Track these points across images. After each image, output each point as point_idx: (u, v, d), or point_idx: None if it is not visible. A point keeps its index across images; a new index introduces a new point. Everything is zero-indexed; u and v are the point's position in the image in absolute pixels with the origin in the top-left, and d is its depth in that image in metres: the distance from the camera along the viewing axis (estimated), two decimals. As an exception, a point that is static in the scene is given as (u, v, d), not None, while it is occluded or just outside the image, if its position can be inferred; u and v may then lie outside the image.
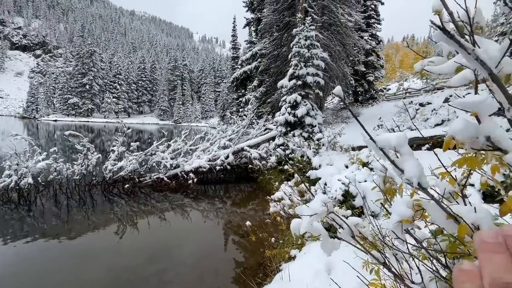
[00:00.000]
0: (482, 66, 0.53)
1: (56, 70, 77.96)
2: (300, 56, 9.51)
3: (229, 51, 35.96)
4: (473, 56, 0.52)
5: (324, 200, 1.11)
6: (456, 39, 0.50)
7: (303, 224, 1.08)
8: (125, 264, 4.01)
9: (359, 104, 22.46)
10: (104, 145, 19.15)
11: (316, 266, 2.64)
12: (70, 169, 7.65)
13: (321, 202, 1.09)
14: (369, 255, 1.32)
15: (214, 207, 7.23)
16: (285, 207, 3.66)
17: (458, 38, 0.51)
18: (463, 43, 0.51)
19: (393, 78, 47.88)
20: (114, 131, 30.07)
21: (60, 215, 6.04)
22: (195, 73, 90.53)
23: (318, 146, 7.44)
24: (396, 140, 0.95)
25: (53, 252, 4.37)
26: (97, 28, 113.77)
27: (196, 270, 3.88)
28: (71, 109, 64.37)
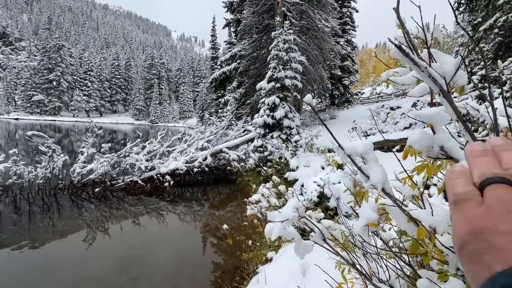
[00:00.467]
0: (434, 83, 0.57)
1: (19, 64, 71.74)
2: (278, 59, 9.65)
3: (209, 51, 35.54)
4: (425, 73, 0.56)
5: (295, 205, 1.13)
6: (410, 57, 0.53)
7: (275, 230, 1.09)
8: (94, 275, 3.78)
9: (335, 107, 23.27)
10: (73, 146, 18.00)
11: (292, 268, 2.67)
12: (32, 173, 7.07)
13: (292, 208, 1.11)
14: (339, 256, 1.37)
15: (192, 210, 7.08)
16: (262, 210, 3.69)
17: (413, 56, 0.54)
18: (417, 61, 0.54)
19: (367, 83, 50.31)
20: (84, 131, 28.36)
21: (20, 222, 5.56)
22: (173, 72, 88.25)
23: (295, 148, 7.58)
24: (363, 148, 0.99)
25: (12, 264, 4.01)
26: (66, 21, 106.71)
27: (171, 277, 3.76)
28: (35, 107, 59.60)
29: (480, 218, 0.22)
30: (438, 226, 0.87)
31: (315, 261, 2.78)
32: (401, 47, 0.54)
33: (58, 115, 61.43)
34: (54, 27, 76.12)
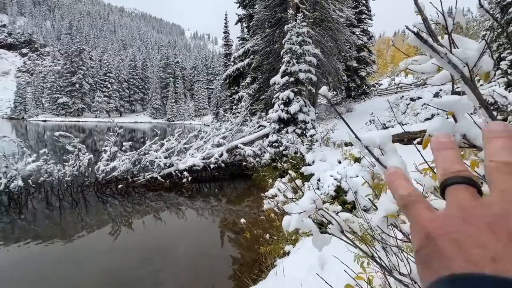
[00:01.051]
0: (454, 69, 0.56)
1: (44, 69, 75.92)
2: (292, 52, 9.52)
3: (222, 48, 35.68)
4: (445, 60, 0.55)
5: (313, 197, 1.13)
6: (429, 43, 0.53)
7: (292, 222, 1.10)
8: (120, 266, 4.00)
9: (352, 100, 22.67)
10: (96, 145, 18.88)
11: (309, 261, 2.69)
12: (61, 171, 7.53)
13: (309, 200, 1.12)
14: (358, 249, 1.36)
15: (209, 205, 7.24)
16: (279, 204, 3.71)
17: (431, 42, 0.53)
18: (436, 47, 0.53)
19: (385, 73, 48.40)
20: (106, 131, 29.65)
21: (52, 217, 5.96)
22: (188, 71, 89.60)
23: (311, 142, 7.50)
24: (380, 138, 0.98)
25: (46, 255, 4.32)
26: (85, 25, 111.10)
27: (192, 268, 3.90)
28: (60, 109, 62.98)
29: (434, 223, 0.22)
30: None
31: (333, 255, 2.77)
32: (418, 34, 0.53)
33: (81, 116, 64.57)
34: (75, 32, 79.50)
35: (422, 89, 17.07)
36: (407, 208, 0.24)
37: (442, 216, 0.22)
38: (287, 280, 2.48)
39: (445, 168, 0.24)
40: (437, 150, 0.25)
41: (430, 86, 16.76)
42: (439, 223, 0.21)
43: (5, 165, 6.93)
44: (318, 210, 1.23)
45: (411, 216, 0.24)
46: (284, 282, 2.46)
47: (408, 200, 0.24)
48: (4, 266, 3.99)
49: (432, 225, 0.21)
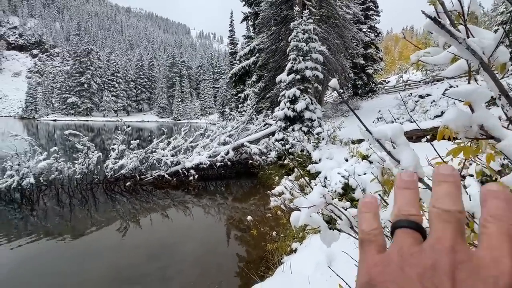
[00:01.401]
0: (473, 55, 0.54)
1: (54, 69, 77.47)
2: (298, 50, 9.45)
3: (227, 47, 35.73)
4: (464, 45, 0.53)
5: (322, 192, 1.12)
6: (446, 28, 0.51)
7: (302, 216, 1.09)
8: (128, 262, 4.06)
9: (359, 97, 22.40)
10: (105, 144, 19.17)
11: (317, 258, 2.67)
12: (71, 168, 7.68)
13: (319, 194, 1.10)
14: (368, 245, 1.35)
15: (216, 203, 7.28)
16: (286, 201, 3.69)
17: (449, 27, 0.51)
18: (454, 32, 0.51)
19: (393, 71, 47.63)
20: (114, 130, 30.11)
21: (63, 214, 6.09)
22: (194, 70, 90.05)
23: (317, 140, 7.45)
24: (392, 131, 0.96)
25: (56, 251, 4.42)
26: (93, 26, 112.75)
27: (199, 265, 3.93)
28: (70, 108, 64.21)
29: (376, 268, 0.22)
30: (476, 211, 0.83)
31: (341, 252, 2.75)
32: (435, 19, 0.52)
33: (90, 115, 65.69)
34: (83, 33, 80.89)
35: (431, 86, 16.74)
36: (361, 245, 0.24)
37: (384, 262, 0.22)
38: (294, 277, 2.47)
39: (399, 209, 0.24)
40: (398, 188, 0.25)
41: (439, 83, 16.43)
42: (380, 270, 0.21)
43: (17, 163, 7.11)
44: (327, 205, 1.22)
45: (361, 254, 0.24)
46: (292, 279, 2.45)
47: (366, 237, 0.24)
48: (18, 260, 4.10)
49: (374, 271, 0.21)
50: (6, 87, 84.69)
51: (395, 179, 0.25)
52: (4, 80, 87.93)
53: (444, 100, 9.37)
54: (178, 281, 3.54)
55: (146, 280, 3.54)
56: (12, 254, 4.29)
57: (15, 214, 6.06)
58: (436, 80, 17.61)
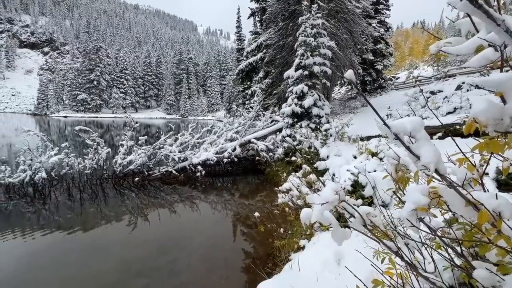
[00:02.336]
0: None
1: (64, 66, 78.90)
2: (306, 45, 9.31)
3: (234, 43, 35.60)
4: (502, 27, 0.48)
5: (335, 188, 1.08)
6: (484, 9, 0.46)
7: (314, 213, 1.06)
8: (137, 255, 4.12)
9: (367, 94, 22.01)
10: (114, 140, 19.46)
11: (325, 256, 2.63)
12: (81, 164, 7.82)
13: (332, 190, 1.07)
14: (381, 244, 1.30)
15: (223, 199, 7.30)
16: (293, 198, 3.66)
17: (487, 7, 0.46)
18: (492, 13, 0.46)
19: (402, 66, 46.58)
20: (123, 126, 30.53)
21: (73, 208, 6.22)
22: (200, 66, 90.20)
23: (325, 137, 7.36)
24: (412, 125, 0.91)
25: (67, 244, 4.52)
26: (102, 23, 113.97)
27: (206, 260, 3.95)
28: (80, 105, 65.43)
29: None
30: (503, 210, 0.77)
31: (350, 251, 2.70)
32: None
33: (99, 112, 66.79)
34: (92, 30, 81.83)
35: (443, 82, 16.30)
36: None
37: None
38: (302, 275, 2.44)
39: None
40: None
41: (451, 79, 15.97)
42: None
43: (29, 158, 7.28)
44: (340, 202, 1.18)
45: None
46: (300, 276, 2.42)
47: None
48: (31, 252, 4.21)
49: None
50: (19, 84, 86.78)
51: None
52: (17, 77, 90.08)
53: (457, 96, 9.09)
54: (186, 275, 3.57)
55: (155, 274, 3.58)
56: (26, 246, 4.41)
57: (28, 208, 6.22)
58: (448, 76, 17.14)
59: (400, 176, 1.50)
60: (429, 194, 0.97)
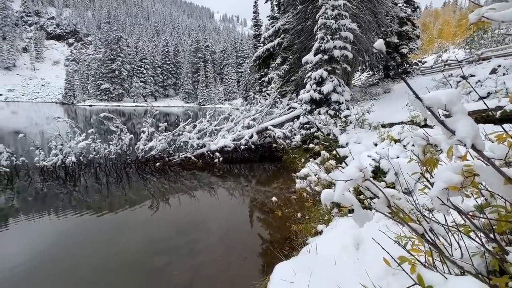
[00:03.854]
0: None
1: (88, 57, 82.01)
2: (326, 28, 8.92)
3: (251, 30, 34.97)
4: None
5: (359, 166, 1.05)
6: None
7: (337, 190, 1.04)
8: (159, 235, 4.34)
9: (390, 80, 20.91)
10: (135, 128, 20.19)
11: (344, 241, 2.62)
12: (107, 149, 8.23)
13: (356, 168, 1.03)
14: (406, 226, 1.26)
15: (240, 185, 7.41)
16: (311, 184, 3.63)
17: None
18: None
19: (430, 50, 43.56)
20: (143, 114, 31.52)
21: (101, 191, 6.61)
22: (217, 54, 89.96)
23: (345, 123, 7.15)
24: (447, 97, 0.85)
25: (96, 223, 4.84)
26: (121, 13, 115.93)
27: (224, 242, 4.08)
28: (103, 94, 68.16)
29: None
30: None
31: (370, 236, 2.66)
32: None
33: (121, 101, 69.29)
34: (113, 20, 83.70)
35: (475, 65, 15.09)
36: None
37: None
38: (320, 258, 2.45)
39: None
40: None
41: (485, 62, 14.76)
42: None
43: (60, 143, 7.76)
44: (364, 180, 1.14)
45: None
46: (317, 259, 2.44)
47: None
48: (64, 230, 4.56)
49: None
50: (48, 74, 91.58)
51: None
52: (46, 68, 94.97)
53: (491, 81, 8.40)
54: (204, 254, 3.72)
55: (176, 252, 3.76)
56: (60, 224, 4.78)
57: (61, 189, 6.70)
58: (482, 59, 15.84)
59: (429, 158, 1.43)
60: (462, 173, 0.91)
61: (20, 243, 4.13)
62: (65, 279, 3.25)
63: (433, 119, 0.89)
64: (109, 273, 3.36)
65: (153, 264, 3.50)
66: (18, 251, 3.87)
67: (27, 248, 3.97)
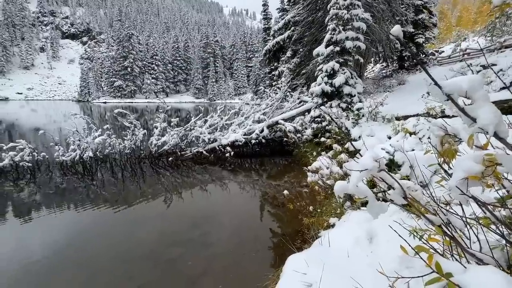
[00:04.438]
0: None
1: (101, 55, 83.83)
2: (338, 18, 8.70)
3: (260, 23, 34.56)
4: None
5: (375, 156, 1.03)
6: None
7: (352, 180, 1.03)
8: (172, 228, 4.46)
9: (405, 71, 20.23)
10: (148, 124, 20.59)
11: (357, 234, 2.60)
12: (121, 144, 8.46)
13: (371, 158, 1.02)
14: (423, 217, 1.24)
15: (251, 179, 7.46)
16: (323, 177, 3.60)
17: None
18: None
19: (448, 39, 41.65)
20: (155, 110, 32.09)
21: (117, 185, 6.83)
22: (227, 49, 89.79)
23: (357, 116, 7.01)
24: (469, 84, 0.82)
25: (113, 216, 5.01)
26: (132, 10, 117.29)
27: (236, 235, 4.14)
28: (117, 91, 69.75)
29: None
30: None
31: (383, 229, 2.63)
32: None
33: (134, 97, 70.75)
34: (124, 18, 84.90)
35: (497, 54, 14.32)
36: None
37: None
38: (332, 250, 2.45)
39: None
40: None
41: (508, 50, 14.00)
42: None
43: (78, 138, 8.04)
44: (380, 170, 1.13)
45: None
46: (330, 251, 2.44)
47: None
48: (83, 222, 4.77)
49: None
50: (64, 73, 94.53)
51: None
52: (62, 67, 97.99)
53: (514, 69, 7.96)
54: (217, 247, 3.80)
55: (190, 245, 3.86)
56: (79, 217, 5.00)
57: (79, 183, 6.97)
58: (505, 47, 15.01)
59: (447, 148, 1.39)
60: (483, 162, 0.88)
61: (44, 234, 4.36)
62: (87, 266, 3.42)
63: (453, 107, 0.86)
64: (127, 262, 3.50)
65: (168, 255, 3.61)
66: (43, 241, 4.09)
67: (51, 238, 4.18)
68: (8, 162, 7.30)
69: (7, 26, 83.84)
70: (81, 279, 3.20)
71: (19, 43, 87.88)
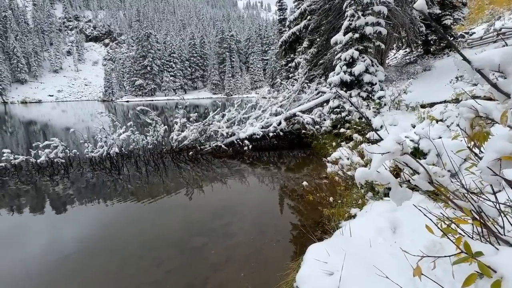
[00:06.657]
0: None
1: (122, 55, 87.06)
2: (357, 3, 8.33)
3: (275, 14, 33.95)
4: None
5: (398, 139, 1.00)
6: None
7: (374, 164, 1.01)
8: (195, 219, 4.62)
9: (431, 56, 19.00)
10: (168, 121, 21.21)
11: (379, 224, 2.54)
12: (144, 140, 8.82)
13: (394, 141, 0.99)
14: (451, 203, 1.19)
15: (269, 172, 7.49)
16: (344, 168, 3.53)
17: None
18: None
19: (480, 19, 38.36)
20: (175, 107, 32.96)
21: (141, 179, 7.16)
22: (242, 43, 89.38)
23: (379, 105, 6.74)
24: (502, 57, 0.77)
25: (140, 208, 5.28)
26: (150, 10, 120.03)
27: (257, 225, 4.21)
28: (138, 90, 72.34)
29: None
30: None
31: (406, 219, 2.55)
32: None
33: (154, 95, 73.00)
34: (142, 18, 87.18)
35: (539, 31, 12.98)
36: None
37: None
38: (354, 240, 2.42)
39: None
40: None
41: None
42: None
43: (104, 135, 8.49)
44: (403, 154, 1.10)
45: None
46: (351, 241, 2.41)
47: None
48: (113, 214, 5.07)
49: None
50: (89, 74, 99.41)
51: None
52: (87, 69, 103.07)
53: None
54: (239, 236, 3.89)
55: (212, 234, 3.99)
56: (109, 208, 5.32)
57: (107, 178, 7.39)
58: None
59: (477, 131, 1.31)
60: (519, 141, 0.83)
61: (78, 224, 4.70)
62: (119, 253, 3.65)
63: (485, 83, 0.81)
64: (155, 249, 3.70)
65: (193, 244, 3.76)
66: (78, 231, 4.42)
67: (85, 228, 4.50)
68: (44, 159, 7.89)
69: (37, 32, 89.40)
70: (114, 264, 3.43)
71: (48, 48, 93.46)
